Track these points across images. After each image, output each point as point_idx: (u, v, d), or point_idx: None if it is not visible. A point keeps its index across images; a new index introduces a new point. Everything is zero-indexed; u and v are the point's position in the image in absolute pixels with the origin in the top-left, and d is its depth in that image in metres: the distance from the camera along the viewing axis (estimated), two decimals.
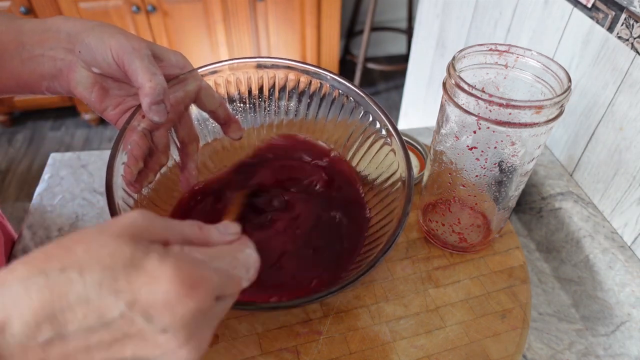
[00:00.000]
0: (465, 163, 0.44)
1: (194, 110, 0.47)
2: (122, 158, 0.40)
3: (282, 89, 0.50)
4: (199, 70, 0.46)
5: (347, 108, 0.49)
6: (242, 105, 0.51)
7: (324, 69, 0.48)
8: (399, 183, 0.43)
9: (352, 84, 0.48)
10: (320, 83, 0.49)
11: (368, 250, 0.42)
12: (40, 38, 0.41)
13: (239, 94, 0.50)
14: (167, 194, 0.47)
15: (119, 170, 0.39)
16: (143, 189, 0.43)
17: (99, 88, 0.42)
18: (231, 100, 0.50)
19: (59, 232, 0.58)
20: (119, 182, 0.39)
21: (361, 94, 0.47)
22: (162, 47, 0.43)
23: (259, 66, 0.48)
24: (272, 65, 0.48)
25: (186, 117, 0.46)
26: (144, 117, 0.41)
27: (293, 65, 0.48)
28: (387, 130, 0.46)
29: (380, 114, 0.46)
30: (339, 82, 0.48)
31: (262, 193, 0.49)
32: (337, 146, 0.52)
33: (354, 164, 0.51)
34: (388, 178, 0.46)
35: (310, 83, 0.49)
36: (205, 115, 0.48)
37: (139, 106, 0.41)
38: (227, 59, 0.48)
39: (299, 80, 0.49)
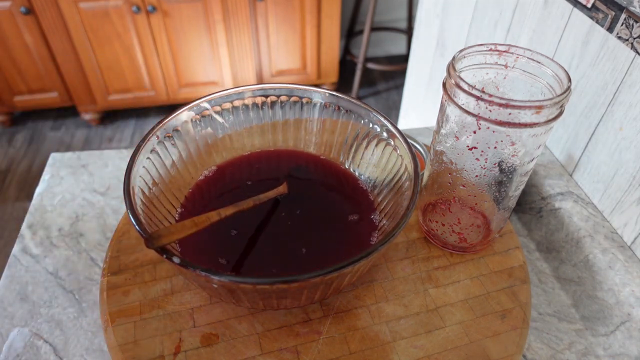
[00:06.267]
0: (465, 163, 0.44)
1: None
2: (144, 155, 0.44)
3: (283, 104, 0.53)
4: (207, 97, 0.49)
5: (348, 117, 0.51)
6: (244, 107, 0.52)
7: (321, 88, 0.52)
8: (407, 180, 0.44)
9: (350, 97, 0.50)
10: (320, 102, 0.52)
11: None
12: None
13: (243, 105, 0.53)
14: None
15: (141, 162, 0.43)
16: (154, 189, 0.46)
17: None
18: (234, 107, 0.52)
19: (59, 232, 0.58)
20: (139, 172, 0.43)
21: (362, 105, 0.49)
22: None
23: (263, 95, 0.52)
24: (274, 89, 0.52)
25: None
26: (157, 138, 0.45)
27: (293, 88, 0.52)
28: (388, 131, 0.47)
29: (382, 118, 0.48)
30: (338, 97, 0.51)
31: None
32: (340, 150, 0.54)
33: (357, 166, 0.53)
34: (395, 175, 0.47)
35: (311, 100, 0.52)
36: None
37: (154, 127, 0.46)
38: (230, 88, 0.51)
39: (301, 98, 0.52)
